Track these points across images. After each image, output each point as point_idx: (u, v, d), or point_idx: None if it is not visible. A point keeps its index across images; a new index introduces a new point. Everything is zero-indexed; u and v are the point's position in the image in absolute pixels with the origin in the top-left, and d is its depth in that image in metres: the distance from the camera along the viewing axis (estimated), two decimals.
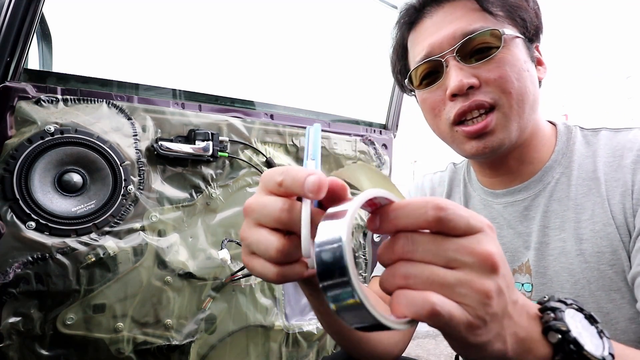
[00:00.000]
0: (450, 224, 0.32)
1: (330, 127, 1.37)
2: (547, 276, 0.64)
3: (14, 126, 0.83)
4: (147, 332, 0.97)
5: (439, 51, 0.63)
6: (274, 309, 1.16)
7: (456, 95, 0.62)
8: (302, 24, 1.66)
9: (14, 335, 0.83)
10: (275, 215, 0.35)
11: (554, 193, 0.65)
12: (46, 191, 0.87)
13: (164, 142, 0.99)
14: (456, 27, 0.62)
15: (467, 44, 0.61)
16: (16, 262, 0.82)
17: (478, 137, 0.62)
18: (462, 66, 0.61)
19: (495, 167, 0.70)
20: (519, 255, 0.67)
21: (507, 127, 0.62)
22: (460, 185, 0.80)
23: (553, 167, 0.67)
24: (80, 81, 0.96)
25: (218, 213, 1.09)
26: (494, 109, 0.61)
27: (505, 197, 0.70)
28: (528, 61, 0.64)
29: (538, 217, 0.66)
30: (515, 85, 0.60)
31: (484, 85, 0.61)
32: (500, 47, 0.60)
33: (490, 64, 0.61)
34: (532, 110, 0.64)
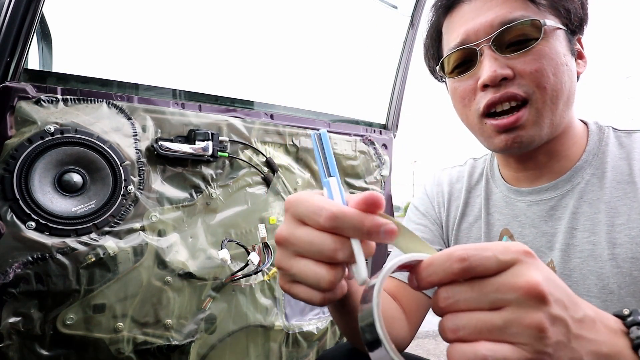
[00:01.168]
0: (478, 269, 0.31)
1: (330, 127, 1.37)
2: (572, 278, 0.62)
3: (14, 126, 0.83)
4: (147, 332, 0.97)
5: (474, 39, 0.61)
6: (274, 309, 1.16)
7: (488, 85, 0.60)
8: (302, 24, 1.66)
9: (14, 335, 0.83)
10: (328, 254, 0.35)
11: (584, 194, 0.63)
12: (46, 191, 0.87)
13: (164, 142, 0.99)
14: (495, 14, 0.59)
15: (505, 33, 0.59)
16: (16, 262, 0.82)
17: (507, 131, 0.60)
18: (497, 56, 0.59)
19: (523, 161, 0.68)
20: (540, 255, 0.65)
21: (539, 123, 0.59)
22: (482, 181, 0.77)
23: (583, 168, 0.64)
24: (80, 81, 0.96)
25: (218, 213, 1.09)
26: (527, 103, 0.59)
27: (530, 196, 0.68)
28: (568, 54, 0.61)
29: (566, 218, 0.63)
30: (551, 80, 0.58)
31: (518, 78, 0.59)
32: (539, 39, 0.58)
33: (527, 56, 0.58)
34: (566, 107, 0.61)
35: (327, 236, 0.35)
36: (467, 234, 0.78)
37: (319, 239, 0.36)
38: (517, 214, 0.69)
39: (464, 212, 0.79)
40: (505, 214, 0.71)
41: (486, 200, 0.75)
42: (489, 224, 0.73)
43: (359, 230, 0.35)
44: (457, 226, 0.79)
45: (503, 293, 0.30)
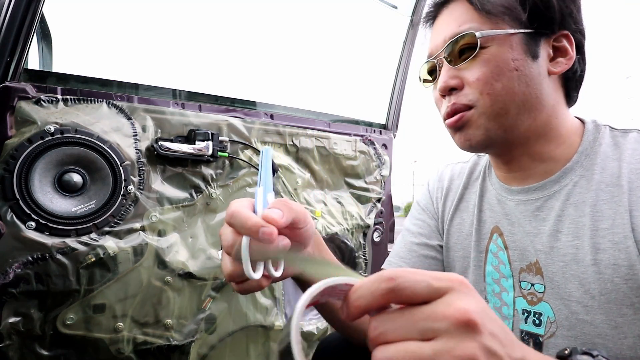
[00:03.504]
0: (406, 292, 0.30)
1: (330, 127, 1.37)
2: (554, 281, 0.62)
3: (14, 126, 0.83)
4: (147, 332, 0.97)
5: (435, 52, 0.67)
6: (274, 309, 1.16)
7: (444, 95, 0.65)
8: (302, 24, 1.66)
9: (14, 335, 0.83)
10: (224, 245, 0.46)
11: (570, 196, 0.62)
12: (46, 191, 0.87)
13: (164, 142, 0.99)
14: (447, 29, 0.65)
15: (454, 46, 0.63)
16: (16, 262, 0.82)
17: (457, 131, 0.65)
18: (449, 67, 0.64)
19: (506, 163, 0.69)
20: (527, 255, 0.66)
21: (484, 124, 0.62)
22: (479, 179, 0.79)
23: (573, 169, 0.63)
24: (80, 81, 0.96)
25: (218, 213, 1.09)
26: (471, 109, 0.62)
27: (519, 195, 0.69)
28: (521, 59, 0.61)
29: (550, 220, 0.63)
30: (495, 86, 0.61)
31: (466, 87, 0.62)
32: (477, 49, 0.61)
33: (472, 65, 0.62)
34: (523, 110, 0.62)
35: (228, 232, 0.46)
36: (459, 229, 0.79)
37: (223, 233, 0.47)
38: (508, 213, 0.70)
39: (457, 207, 0.80)
40: (496, 211, 0.72)
41: (480, 197, 0.76)
42: (481, 221, 0.74)
43: (243, 227, 0.43)
44: (449, 221, 0.81)
45: (433, 321, 0.29)
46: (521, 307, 0.65)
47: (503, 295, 0.68)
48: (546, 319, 0.62)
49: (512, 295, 0.67)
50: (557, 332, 0.60)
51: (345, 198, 1.37)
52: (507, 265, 0.68)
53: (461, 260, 0.77)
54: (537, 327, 0.63)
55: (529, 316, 0.64)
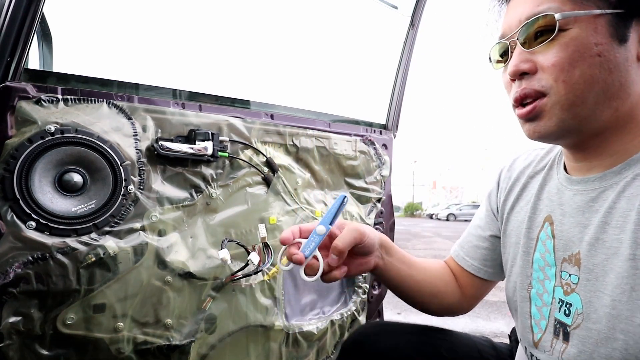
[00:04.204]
0: None
1: (331, 127, 1.37)
2: (593, 273, 0.60)
3: (15, 126, 0.84)
4: (147, 332, 0.97)
5: (509, 32, 0.63)
6: (274, 309, 1.16)
7: (514, 79, 0.62)
8: (302, 24, 1.66)
9: (14, 335, 0.83)
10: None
11: (626, 189, 0.59)
12: (46, 191, 0.87)
13: (164, 142, 0.99)
14: (524, 8, 0.60)
15: (530, 27, 0.59)
16: (16, 262, 0.82)
17: (528, 121, 0.62)
18: (522, 50, 0.60)
19: (572, 152, 0.67)
20: (571, 245, 0.65)
21: (557, 114, 0.59)
22: (545, 168, 0.77)
23: (638, 162, 0.59)
24: (81, 81, 0.96)
25: (218, 213, 1.09)
26: (545, 96, 0.59)
27: (579, 185, 0.66)
28: (604, 43, 0.56)
29: (602, 212, 0.61)
30: (573, 73, 0.56)
31: (540, 72, 0.59)
32: (556, 32, 0.56)
33: (548, 49, 0.58)
34: (603, 99, 0.58)
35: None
36: (516, 217, 0.80)
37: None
38: (563, 202, 0.68)
39: (520, 196, 0.80)
40: (553, 200, 0.71)
41: (541, 185, 0.75)
42: (536, 209, 0.74)
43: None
44: (510, 209, 0.81)
45: None
46: (558, 296, 0.66)
47: (545, 282, 0.69)
48: (574, 310, 0.62)
49: (553, 284, 0.67)
50: (582, 324, 0.60)
51: None
52: (552, 253, 0.68)
53: (514, 246, 0.78)
54: (567, 317, 0.63)
55: (562, 305, 0.64)
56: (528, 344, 0.72)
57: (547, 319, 0.67)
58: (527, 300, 0.72)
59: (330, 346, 1.32)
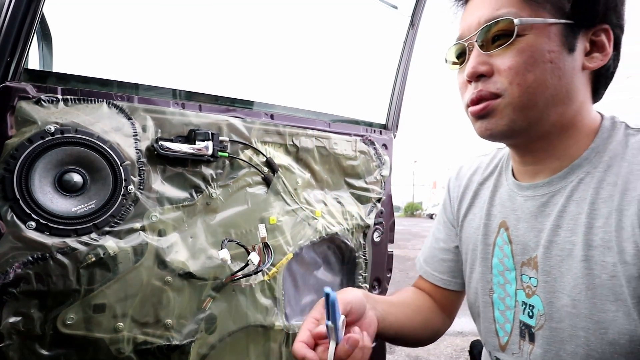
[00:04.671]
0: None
1: (331, 127, 1.37)
2: (551, 275, 0.63)
3: (15, 126, 0.84)
4: (147, 332, 0.97)
5: (467, 34, 0.64)
6: (274, 309, 1.16)
7: (471, 80, 0.63)
8: (302, 24, 1.66)
9: (14, 335, 0.83)
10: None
11: (574, 193, 0.62)
12: (46, 191, 0.87)
13: (164, 142, 0.99)
14: (483, 12, 0.62)
15: (488, 31, 0.61)
16: (16, 262, 0.82)
17: (481, 118, 0.64)
18: (479, 53, 0.62)
19: (522, 155, 0.70)
20: (528, 249, 0.68)
21: (509, 115, 0.61)
22: (495, 173, 0.80)
23: (581, 165, 0.63)
24: (81, 81, 0.96)
25: (218, 213, 1.09)
26: (498, 97, 0.61)
27: (528, 191, 0.69)
28: (556, 51, 0.59)
29: (553, 216, 0.64)
30: (527, 77, 0.59)
31: (496, 74, 0.61)
32: (514, 37, 0.58)
33: (505, 53, 0.60)
34: (552, 104, 0.60)
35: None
36: (470, 224, 0.82)
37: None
38: (515, 208, 0.71)
39: (472, 203, 0.83)
40: (506, 206, 0.74)
41: (493, 192, 0.78)
42: (490, 215, 0.77)
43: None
44: (464, 216, 0.84)
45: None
46: (521, 299, 0.68)
47: (507, 287, 0.71)
48: (537, 312, 0.65)
49: (514, 288, 0.70)
50: (545, 324, 0.63)
51: (345, 198, 1.37)
52: (511, 258, 0.70)
53: (471, 252, 0.80)
54: (530, 318, 0.66)
55: (526, 308, 0.67)
56: (493, 348, 0.74)
57: (512, 322, 0.70)
58: (489, 305, 0.74)
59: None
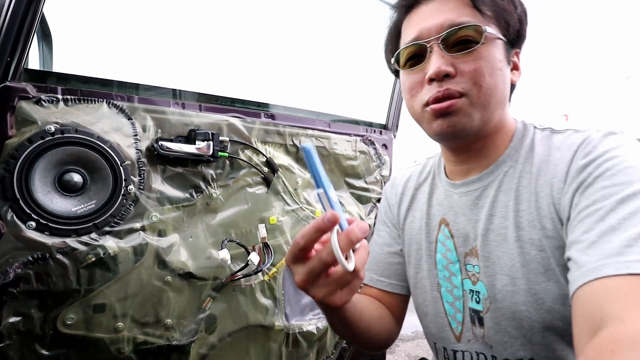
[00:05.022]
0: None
1: (330, 127, 1.37)
2: (490, 260, 0.70)
3: (15, 126, 0.83)
4: (147, 332, 0.97)
5: (426, 36, 0.68)
6: (274, 309, 1.16)
7: (433, 80, 0.67)
8: (302, 24, 1.66)
9: (14, 335, 0.83)
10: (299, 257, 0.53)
11: (502, 185, 0.72)
12: (46, 191, 0.87)
13: (164, 142, 0.99)
14: (446, 17, 0.67)
15: (452, 34, 0.66)
16: (16, 262, 0.82)
17: (443, 116, 0.68)
18: (443, 54, 0.66)
19: (458, 153, 0.76)
20: (469, 240, 0.74)
21: (471, 113, 0.67)
22: (429, 178, 0.87)
23: (504, 162, 0.73)
24: (81, 81, 0.96)
25: (218, 213, 1.09)
26: (462, 97, 0.66)
27: (462, 187, 0.77)
28: (504, 62, 0.69)
29: (486, 206, 0.72)
30: (487, 80, 0.66)
31: (458, 76, 0.66)
32: (480, 43, 0.65)
33: (468, 57, 0.66)
34: (498, 106, 0.69)
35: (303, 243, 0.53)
36: (411, 226, 0.87)
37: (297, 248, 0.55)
38: (453, 205, 0.78)
39: (410, 207, 0.89)
40: (444, 205, 0.80)
41: (430, 194, 0.85)
42: (430, 215, 0.83)
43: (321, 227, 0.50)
44: (404, 220, 0.89)
45: None
46: (468, 287, 0.74)
47: (452, 278, 0.77)
48: (482, 296, 0.71)
49: (460, 278, 0.75)
50: (490, 306, 0.70)
51: (345, 198, 1.37)
52: (454, 251, 0.77)
53: (415, 253, 0.85)
54: (478, 304, 0.72)
55: (473, 295, 0.73)
56: (449, 343, 0.77)
57: (462, 311, 0.75)
58: (439, 300, 0.79)
59: (330, 346, 1.32)
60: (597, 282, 0.49)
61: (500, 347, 0.69)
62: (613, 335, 0.43)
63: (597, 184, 0.58)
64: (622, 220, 0.52)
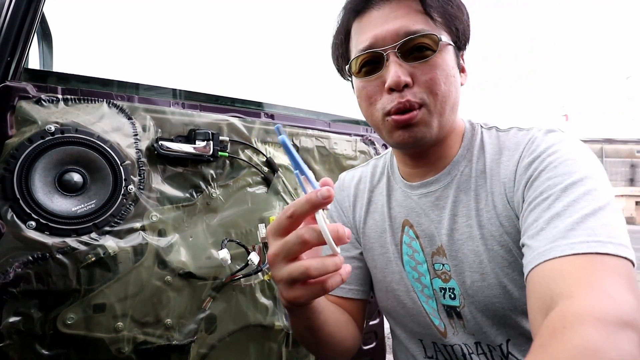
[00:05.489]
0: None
1: (330, 127, 1.37)
2: (458, 258, 0.72)
3: (15, 126, 0.84)
4: (147, 332, 0.97)
5: (382, 44, 0.67)
6: (274, 308, 1.16)
7: (393, 89, 0.67)
8: (302, 24, 1.66)
9: (14, 335, 0.83)
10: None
11: (460, 185, 0.73)
12: (46, 191, 0.87)
13: (164, 142, 0.99)
14: (400, 24, 0.66)
15: (408, 42, 0.66)
16: (16, 262, 0.82)
17: (404, 127, 0.68)
18: (401, 63, 0.66)
19: (416, 158, 0.77)
20: (434, 239, 0.75)
21: (429, 122, 0.68)
22: (384, 179, 0.86)
23: (459, 162, 0.74)
24: (81, 81, 0.96)
25: (218, 213, 1.09)
26: (421, 107, 0.67)
27: (420, 189, 0.78)
28: (455, 67, 0.71)
29: (448, 207, 0.73)
30: (442, 88, 0.67)
31: (416, 85, 0.66)
32: (436, 52, 0.66)
33: (424, 66, 0.66)
34: (452, 112, 0.71)
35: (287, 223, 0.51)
36: (373, 230, 0.86)
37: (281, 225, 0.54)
38: (413, 206, 0.79)
39: (368, 210, 0.88)
40: (404, 206, 0.81)
41: (388, 196, 0.84)
42: (392, 217, 0.82)
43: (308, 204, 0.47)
44: (363, 224, 0.88)
45: None
46: (438, 286, 0.75)
47: (422, 279, 0.77)
48: (458, 293, 0.73)
49: (429, 278, 0.76)
50: (465, 301, 0.72)
51: None
52: (421, 252, 0.77)
53: (381, 256, 0.84)
54: (453, 300, 0.74)
55: (446, 292, 0.75)
56: (437, 339, 0.78)
57: (436, 309, 0.77)
58: (417, 300, 0.79)
59: None
60: (546, 264, 0.52)
61: (481, 335, 0.72)
62: (563, 313, 0.45)
63: (542, 176, 0.62)
64: (566, 206, 0.56)
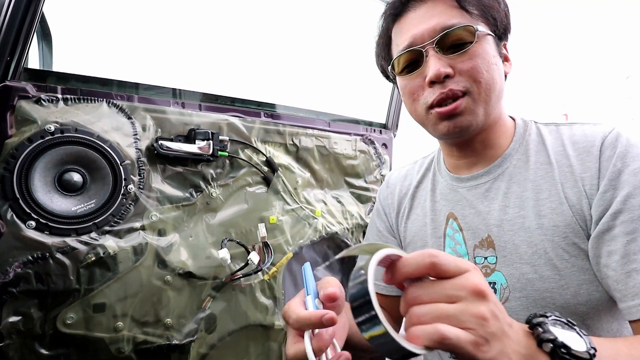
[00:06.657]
0: (442, 267, 0.41)
1: (330, 126, 1.37)
2: (506, 250, 0.71)
3: (14, 125, 0.83)
4: (147, 332, 0.97)
5: (420, 42, 0.70)
6: (274, 308, 1.16)
7: (434, 82, 0.69)
8: (301, 23, 1.66)
9: (14, 335, 0.83)
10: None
11: (513, 176, 0.74)
12: (46, 190, 0.87)
13: (164, 142, 0.99)
14: (437, 21, 0.69)
15: (446, 37, 0.68)
16: (16, 262, 0.82)
17: (449, 118, 0.70)
18: (440, 56, 0.69)
19: (462, 149, 0.78)
20: (479, 233, 0.75)
21: (475, 110, 0.69)
22: (430, 174, 0.88)
23: (511, 155, 0.75)
24: (81, 80, 0.96)
25: (218, 212, 1.09)
26: (465, 95, 0.69)
27: (469, 182, 0.78)
28: (497, 56, 0.72)
29: (499, 198, 0.74)
30: (485, 76, 0.68)
31: (457, 75, 0.68)
32: (473, 42, 0.68)
33: (464, 56, 0.68)
34: (497, 99, 0.72)
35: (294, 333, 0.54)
36: (414, 224, 0.87)
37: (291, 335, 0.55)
38: (459, 199, 0.79)
39: (412, 205, 0.89)
40: (449, 199, 0.81)
41: (432, 190, 0.86)
42: (435, 211, 0.83)
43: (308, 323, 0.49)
44: (406, 219, 0.90)
45: (457, 290, 0.40)
46: None
47: None
48: (500, 287, 0.71)
49: None
50: (510, 295, 0.71)
51: (345, 197, 1.37)
52: (463, 244, 0.78)
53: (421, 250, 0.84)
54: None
55: None
56: None
57: None
58: None
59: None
60: None
61: None
62: None
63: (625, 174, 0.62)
64: None
